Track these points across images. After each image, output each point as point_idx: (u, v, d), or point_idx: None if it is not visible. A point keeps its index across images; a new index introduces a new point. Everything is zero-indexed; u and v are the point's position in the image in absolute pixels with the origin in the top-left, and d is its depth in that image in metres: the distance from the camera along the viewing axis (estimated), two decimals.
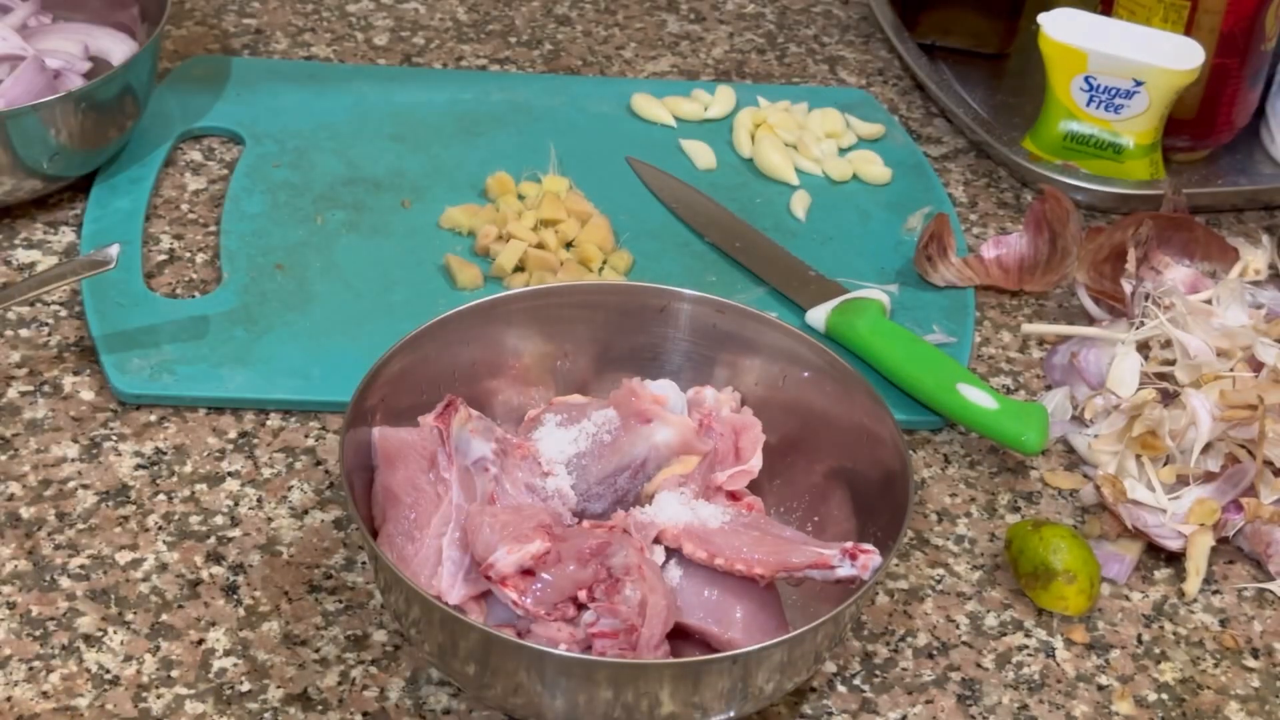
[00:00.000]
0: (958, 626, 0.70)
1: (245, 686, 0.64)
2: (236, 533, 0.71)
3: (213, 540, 0.70)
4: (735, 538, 0.64)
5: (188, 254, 0.86)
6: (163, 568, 0.69)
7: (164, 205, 0.90)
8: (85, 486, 0.72)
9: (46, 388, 0.77)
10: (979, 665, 0.68)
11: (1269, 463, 0.75)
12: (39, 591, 0.68)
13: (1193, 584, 0.72)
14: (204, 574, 0.69)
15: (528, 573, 0.61)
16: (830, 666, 0.68)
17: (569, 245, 0.87)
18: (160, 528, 0.71)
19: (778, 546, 0.64)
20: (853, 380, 0.69)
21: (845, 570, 0.63)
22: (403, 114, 0.98)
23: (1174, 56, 0.92)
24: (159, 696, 0.64)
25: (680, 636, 0.63)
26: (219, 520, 0.71)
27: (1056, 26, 0.94)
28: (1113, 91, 0.93)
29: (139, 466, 0.74)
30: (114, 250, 0.78)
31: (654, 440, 0.67)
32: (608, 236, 0.88)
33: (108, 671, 0.64)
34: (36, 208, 0.88)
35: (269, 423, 0.76)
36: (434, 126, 0.97)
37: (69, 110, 0.84)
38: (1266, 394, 0.75)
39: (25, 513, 0.71)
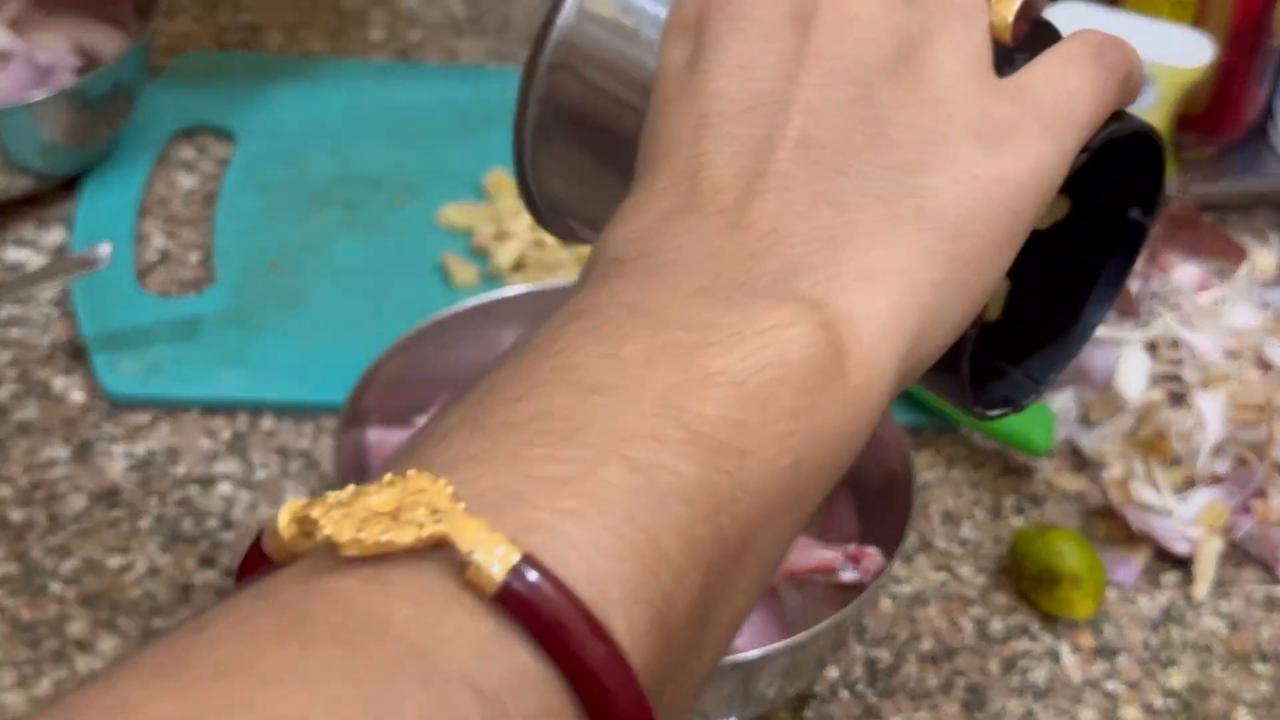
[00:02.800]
0: (962, 631, 0.69)
1: None
2: (230, 536, 0.70)
3: (206, 543, 0.69)
4: None
5: (180, 253, 0.85)
6: (155, 571, 0.68)
7: (156, 203, 0.88)
8: (76, 489, 0.71)
9: (36, 388, 0.76)
10: (984, 671, 0.67)
11: (1279, 465, 0.74)
12: (29, 596, 0.67)
13: (1201, 588, 0.71)
14: (196, 578, 0.68)
15: None
16: (833, 672, 0.67)
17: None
18: (152, 530, 0.70)
19: None
20: None
21: (848, 574, 0.62)
22: (399, 110, 0.97)
23: (1182, 53, 0.91)
24: None
25: None
26: (212, 523, 0.70)
27: (1062, 23, 0.93)
28: None
29: (130, 468, 0.73)
30: (105, 249, 0.77)
31: None
32: None
33: None
34: (27, 206, 0.87)
35: (262, 424, 0.75)
36: (430, 123, 0.96)
37: (60, 107, 0.83)
38: (1275, 395, 0.74)
39: (15, 515, 0.70)
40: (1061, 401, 0.79)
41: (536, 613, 0.27)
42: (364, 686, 0.26)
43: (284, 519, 0.29)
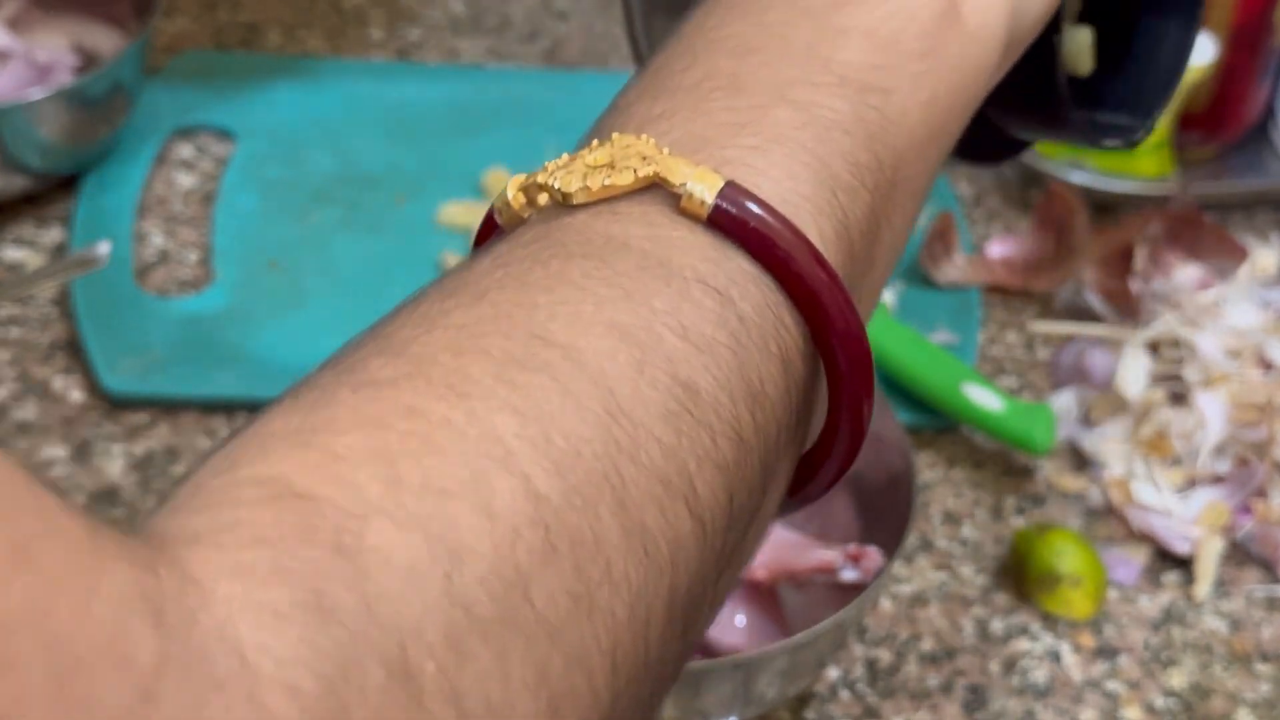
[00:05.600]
0: (963, 631, 0.69)
1: None
2: None
3: None
4: None
5: (179, 252, 0.85)
6: None
7: (155, 202, 0.88)
8: (75, 488, 0.71)
9: (36, 388, 0.76)
10: (985, 671, 0.67)
11: (1279, 465, 0.73)
12: None
13: (1202, 588, 0.71)
14: None
15: None
16: (833, 672, 0.66)
17: None
18: None
19: (780, 550, 0.63)
20: None
21: (849, 574, 0.62)
22: (398, 110, 0.96)
23: None
24: None
25: None
26: None
27: None
28: None
29: (130, 468, 0.72)
30: (104, 249, 0.77)
31: None
32: None
33: None
34: (26, 205, 0.87)
35: None
36: (430, 122, 0.96)
37: (58, 106, 0.83)
38: (1276, 395, 0.73)
39: None
40: (1062, 401, 0.79)
41: (745, 226, 0.32)
42: (621, 286, 0.31)
43: (512, 190, 0.35)
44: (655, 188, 0.33)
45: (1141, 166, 0.94)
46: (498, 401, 0.28)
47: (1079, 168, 0.95)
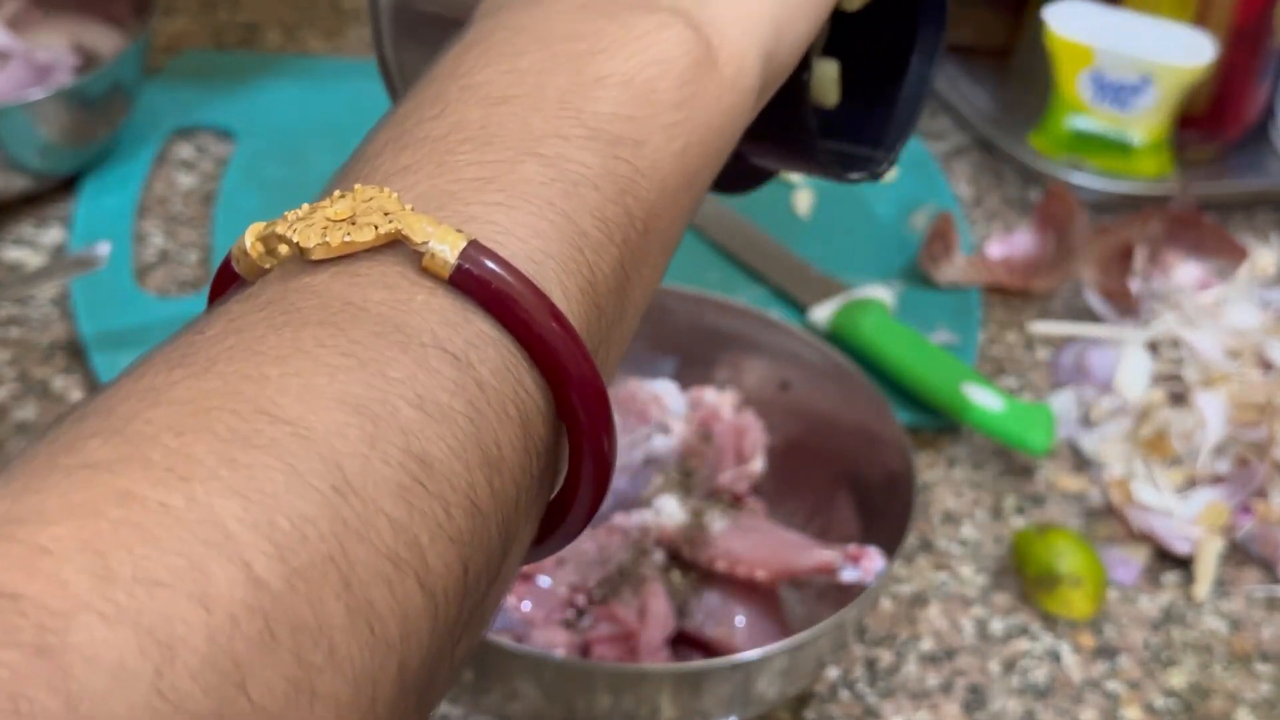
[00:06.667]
0: (963, 631, 0.69)
1: None
2: None
3: None
4: (736, 541, 0.63)
5: (179, 252, 0.85)
6: None
7: (155, 202, 0.88)
8: None
9: (36, 388, 0.76)
10: (984, 671, 0.67)
11: (1279, 465, 0.73)
12: None
13: (1202, 588, 0.71)
14: None
15: (526, 577, 0.60)
16: (833, 672, 0.66)
17: None
18: None
19: (780, 550, 0.63)
20: (856, 381, 0.68)
21: (849, 574, 0.62)
22: None
23: (1184, 52, 0.91)
24: None
25: (680, 641, 0.62)
26: None
27: (1062, 21, 0.93)
28: (1121, 87, 0.92)
29: None
30: (104, 248, 0.77)
31: (653, 442, 0.66)
32: None
33: None
34: (26, 205, 0.87)
35: None
36: None
37: (58, 106, 0.83)
38: (1276, 395, 0.73)
39: None
40: (1062, 401, 0.79)
41: (487, 287, 0.31)
42: (356, 355, 0.30)
43: (250, 239, 0.34)
44: (397, 245, 0.32)
45: (1141, 166, 0.95)
46: (220, 484, 0.27)
47: (1079, 168, 0.95)
